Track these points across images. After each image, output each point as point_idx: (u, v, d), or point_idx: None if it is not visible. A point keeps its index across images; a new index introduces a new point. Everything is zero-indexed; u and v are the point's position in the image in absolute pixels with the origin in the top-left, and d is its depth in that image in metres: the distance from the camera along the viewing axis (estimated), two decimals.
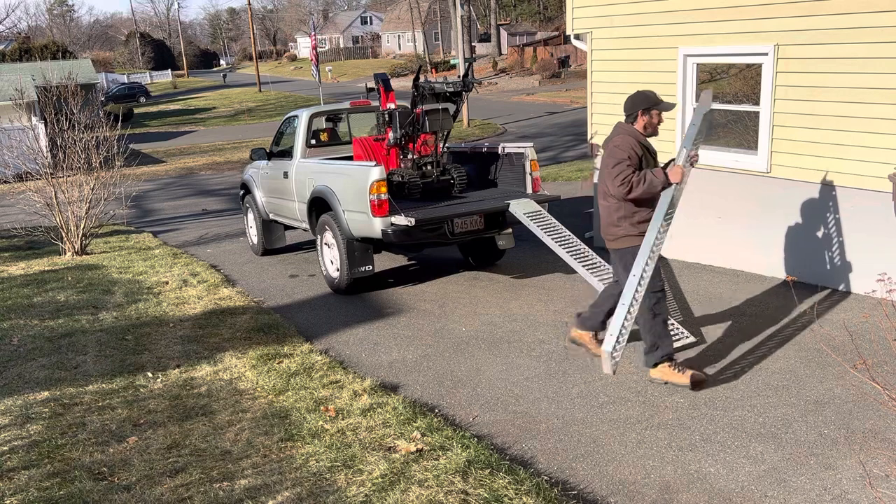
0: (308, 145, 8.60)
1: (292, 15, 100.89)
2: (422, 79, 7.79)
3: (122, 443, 4.57)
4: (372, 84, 8.53)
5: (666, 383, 5.02)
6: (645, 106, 5.04)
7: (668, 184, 4.90)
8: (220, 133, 33.68)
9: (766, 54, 6.92)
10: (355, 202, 7.15)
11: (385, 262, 8.99)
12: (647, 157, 5.05)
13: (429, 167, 7.87)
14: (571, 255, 6.57)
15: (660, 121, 5.10)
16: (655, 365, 5.04)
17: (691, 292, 7.06)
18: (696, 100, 5.57)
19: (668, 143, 7.97)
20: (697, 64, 7.64)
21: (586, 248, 6.72)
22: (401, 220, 6.81)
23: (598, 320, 5.44)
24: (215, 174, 21.28)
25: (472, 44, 54.37)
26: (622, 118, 5.24)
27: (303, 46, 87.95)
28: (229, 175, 20.51)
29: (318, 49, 30.24)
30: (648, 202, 4.99)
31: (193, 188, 18.79)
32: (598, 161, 8.82)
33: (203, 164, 23.50)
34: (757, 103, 7.13)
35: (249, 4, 59.46)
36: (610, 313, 5.19)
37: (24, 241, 11.13)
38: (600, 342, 5.29)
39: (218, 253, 10.38)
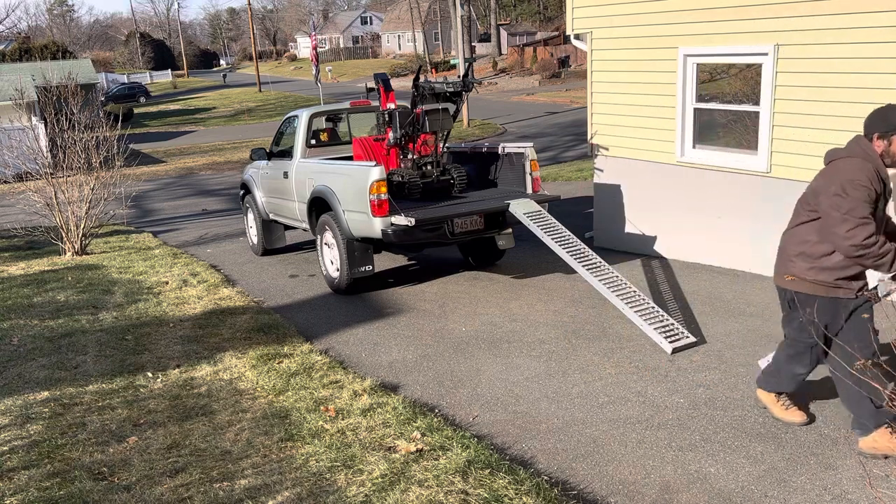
0: (308, 145, 8.60)
1: (292, 15, 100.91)
2: (422, 79, 7.79)
3: (122, 443, 4.56)
4: (372, 84, 8.53)
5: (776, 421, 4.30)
6: (882, 129, 3.88)
7: None
8: (220, 133, 33.68)
9: (766, 54, 6.92)
10: (355, 202, 7.15)
11: (385, 262, 8.99)
12: (882, 196, 3.88)
13: (429, 167, 7.87)
14: (571, 255, 6.57)
15: None
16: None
17: (691, 292, 7.06)
18: None
19: (666, 142, 7.99)
20: (697, 64, 7.64)
21: (586, 248, 6.72)
22: (401, 220, 6.81)
23: (787, 386, 4.42)
24: (215, 174, 21.28)
25: (472, 44, 54.38)
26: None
27: (303, 46, 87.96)
28: (229, 175, 20.51)
29: (318, 49, 30.23)
30: None
31: (193, 188, 18.79)
32: (597, 161, 8.83)
33: (203, 164, 23.50)
34: (757, 103, 7.13)
35: (249, 4, 59.46)
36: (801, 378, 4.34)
37: (24, 241, 11.12)
38: (786, 405, 4.47)
39: (218, 253, 10.38)
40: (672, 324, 5.88)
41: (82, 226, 10.34)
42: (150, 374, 5.68)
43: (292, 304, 7.67)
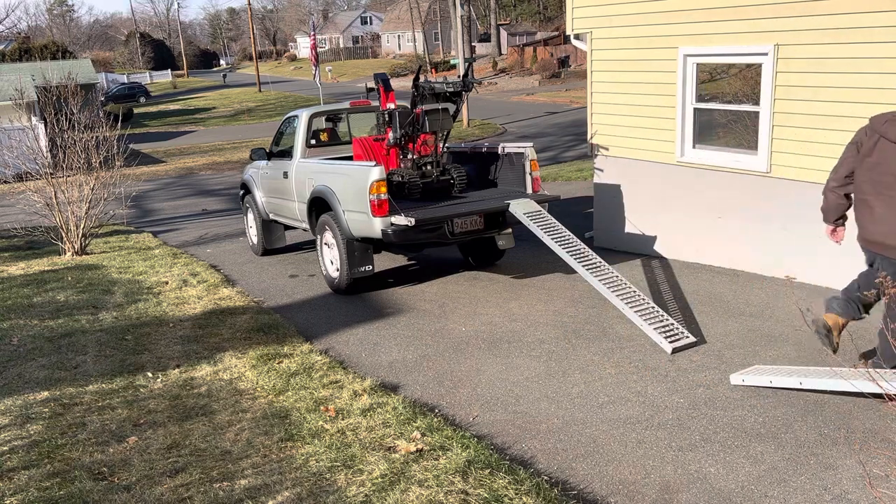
0: (308, 145, 8.60)
1: (292, 15, 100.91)
2: (422, 79, 7.79)
3: (122, 443, 4.57)
4: (372, 84, 8.53)
5: None
6: None
7: None
8: (220, 133, 33.68)
9: (766, 54, 6.93)
10: (355, 202, 7.15)
11: (385, 262, 8.99)
12: None
13: (429, 167, 7.87)
14: (571, 255, 6.57)
15: None
16: None
17: (691, 292, 7.06)
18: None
19: (666, 142, 7.99)
20: (697, 64, 7.64)
21: (586, 248, 6.72)
22: (401, 220, 6.81)
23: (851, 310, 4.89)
24: (215, 174, 21.28)
25: (472, 44, 54.35)
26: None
27: (303, 46, 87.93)
28: (229, 175, 20.51)
29: (318, 49, 30.24)
30: None
31: (193, 188, 18.80)
32: (597, 161, 8.82)
33: (203, 164, 23.51)
34: (757, 103, 7.13)
35: (249, 4, 59.46)
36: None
37: (24, 241, 11.12)
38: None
39: (218, 253, 10.38)
40: (672, 324, 5.88)
41: (82, 226, 10.34)
42: (150, 374, 5.68)
43: (292, 304, 7.67)
